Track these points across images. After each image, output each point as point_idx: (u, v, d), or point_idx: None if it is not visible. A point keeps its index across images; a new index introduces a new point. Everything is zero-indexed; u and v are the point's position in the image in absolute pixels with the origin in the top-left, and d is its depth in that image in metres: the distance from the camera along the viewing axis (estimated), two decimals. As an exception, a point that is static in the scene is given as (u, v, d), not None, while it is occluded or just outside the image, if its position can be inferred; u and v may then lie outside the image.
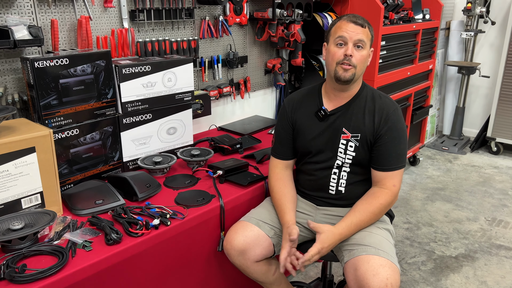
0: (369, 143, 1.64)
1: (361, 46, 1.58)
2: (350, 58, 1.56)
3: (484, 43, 4.44)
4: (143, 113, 1.98)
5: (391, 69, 3.17)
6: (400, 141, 1.63)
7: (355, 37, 1.56)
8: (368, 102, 1.67)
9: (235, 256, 1.65)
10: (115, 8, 2.04)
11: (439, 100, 4.73)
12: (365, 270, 1.44)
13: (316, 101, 1.74)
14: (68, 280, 1.29)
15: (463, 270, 2.47)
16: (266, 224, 1.70)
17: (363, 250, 1.52)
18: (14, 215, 1.45)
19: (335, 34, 1.60)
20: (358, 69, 1.59)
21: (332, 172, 1.71)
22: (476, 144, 4.34)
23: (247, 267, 1.66)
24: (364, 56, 1.60)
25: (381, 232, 1.61)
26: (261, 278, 1.70)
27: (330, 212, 1.75)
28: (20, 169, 1.47)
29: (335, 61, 1.59)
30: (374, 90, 1.72)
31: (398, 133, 1.63)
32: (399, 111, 1.66)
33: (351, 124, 1.66)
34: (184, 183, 1.88)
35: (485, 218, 3.06)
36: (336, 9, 3.01)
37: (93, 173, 1.87)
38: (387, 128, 1.62)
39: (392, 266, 1.46)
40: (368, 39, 1.60)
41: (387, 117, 1.62)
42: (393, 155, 1.62)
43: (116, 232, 1.45)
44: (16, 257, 1.32)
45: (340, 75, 1.59)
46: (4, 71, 1.74)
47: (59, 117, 1.71)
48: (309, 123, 1.73)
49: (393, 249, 1.57)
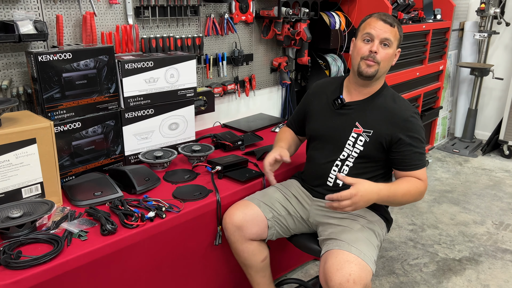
0: (383, 143, 1.65)
1: (387, 44, 1.61)
2: (374, 55, 1.60)
3: (499, 45, 4.36)
4: (145, 108, 2.01)
5: (399, 69, 3.15)
6: (421, 141, 1.66)
7: (382, 35, 1.60)
8: (388, 103, 1.69)
9: (231, 231, 1.71)
10: (120, 4, 2.08)
11: (451, 102, 4.66)
12: (331, 264, 1.46)
13: (337, 91, 1.79)
14: (62, 267, 1.32)
15: (466, 273, 2.44)
16: (266, 206, 1.76)
17: (336, 244, 1.54)
18: (14, 204, 1.49)
19: (364, 30, 1.64)
20: (381, 66, 1.62)
21: (334, 164, 1.73)
22: (487, 147, 4.27)
23: (240, 244, 1.71)
24: (389, 54, 1.63)
25: (362, 230, 1.61)
26: (250, 259, 1.74)
27: (323, 204, 1.75)
28: (21, 160, 1.52)
29: (360, 55, 1.63)
30: (394, 92, 1.75)
31: (418, 135, 1.64)
32: (417, 114, 1.68)
33: (366, 120, 1.68)
34: (183, 178, 1.90)
35: (493, 221, 3.01)
36: (343, 8, 3.01)
37: (94, 166, 1.90)
38: (408, 132, 1.63)
39: (361, 264, 1.46)
40: (395, 38, 1.63)
41: (407, 121, 1.63)
42: (417, 156, 1.64)
43: (111, 223, 1.48)
44: (13, 244, 1.36)
45: (362, 70, 1.63)
46: (10, 65, 1.80)
47: (62, 110, 1.76)
48: (325, 110, 1.79)
49: (372, 249, 1.56)
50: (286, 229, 1.80)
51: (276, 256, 2.16)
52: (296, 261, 2.39)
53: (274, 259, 2.17)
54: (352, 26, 2.93)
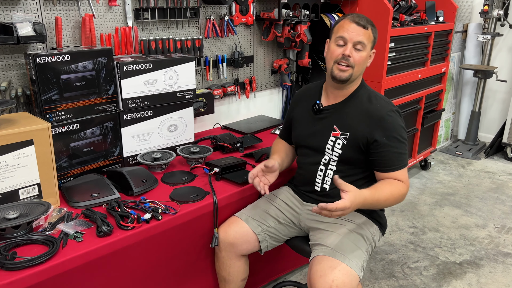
0: (360, 144, 1.62)
1: (360, 47, 1.58)
2: (348, 58, 1.57)
3: (502, 47, 4.33)
4: (144, 109, 2.02)
5: (400, 71, 3.13)
6: (400, 140, 1.60)
7: (355, 38, 1.57)
8: (364, 103, 1.66)
9: (224, 247, 1.73)
10: (120, 6, 2.08)
11: (455, 104, 4.64)
12: (315, 270, 1.46)
13: (316, 96, 1.77)
14: (57, 269, 1.33)
15: (466, 277, 2.42)
16: (254, 221, 1.76)
17: (321, 250, 1.53)
18: (11, 205, 1.50)
19: (337, 33, 1.60)
20: (355, 70, 1.60)
21: (319, 168, 1.72)
22: (491, 149, 4.24)
23: (229, 259, 1.74)
24: (363, 57, 1.60)
25: (350, 235, 1.60)
26: (233, 275, 1.77)
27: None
28: (18, 161, 1.52)
29: (333, 59, 1.61)
30: (371, 91, 1.71)
31: (396, 134, 1.60)
32: (394, 112, 1.63)
33: (342, 123, 1.66)
34: (181, 180, 1.90)
35: (495, 225, 2.99)
36: (344, 10, 3.00)
37: (93, 167, 1.91)
38: (383, 131, 1.59)
39: (345, 270, 1.44)
40: (369, 41, 1.60)
41: (382, 120, 1.60)
42: (396, 156, 1.60)
43: (107, 225, 1.48)
44: (9, 245, 1.36)
45: (336, 75, 1.61)
46: (9, 66, 1.81)
47: (60, 111, 1.76)
48: (306, 116, 1.77)
49: (359, 254, 1.54)
50: (279, 238, 1.80)
51: (275, 257, 2.17)
52: (295, 263, 2.38)
53: (273, 261, 2.18)
54: (353, 28, 2.92)
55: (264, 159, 2.14)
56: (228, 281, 1.80)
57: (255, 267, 2.03)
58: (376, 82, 2.94)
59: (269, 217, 1.79)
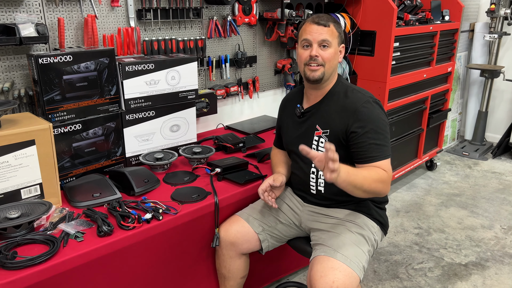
0: (341, 139, 1.61)
1: (326, 45, 1.61)
2: (316, 58, 1.60)
3: (509, 46, 4.28)
4: (146, 110, 2.02)
5: (405, 71, 3.11)
6: (378, 131, 1.56)
7: (318, 37, 1.60)
8: (340, 98, 1.66)
9: (224, 246, 1.74)
10: (122, 7, 2.09)
11: (461, 104, 4.60)
12: (315, 270, 1.45)
13: (298, 100, 1.79)
14: (57, 268, 1.33)
15: (472, 279, 2.39)
16: (255, 220, 1.76)
17: (322, 250, 1.53)
18: (13, 204, 1.51)
19: (301, 37, 1.64)
20: (326, 67, 1.62)
21: (311, 171, 1.71)
22: (498, 150, 4.19)
23: (230, 257, 1.75)
24: (331, 54, 1.62)
25: (350, 235, 1.59)
26: (233, 273, 1.77)
27: (314, 210, 1.75)
28: (20, 161, 1.53)
29: (303, 62, 1.64)
30: (348, 86, 1.70)
31: (373, 125, 1.56)
32: (371, 103, 1.60)
33: (323, 121, 1.67)
34: (183, 180, 1.90)
35: (501, 226, 2.95)
36: (348, 10, 2.98)
37: (95, 167, 1.92)
38: (359, 122, 1.57)
39: (346, 271, 1.44)
40: (333, 36, 1.62)
41: (357, 112, 1.58)
42: (373, 147, 1.55)
43: (108, 225, 1.49)
44: (10, 244, 1.37)
45: (309, 76, 1.63)
46: (12, 67, 1.82)
47: (63, 112, 1.77)
48: (291, 121, 1.79)
49: (361, 255, 1.53)
50: (280, 237, 1.80)
51: (278, 257, 2.16)
52: (299, 264, 2.37)
53: (276, 261, 2.17)
54: (357, 27, 2.91)
55: (266, 159, 2.13)
56: (227, 278, 1.80)
57: (258, 267, 2.03)
58: (380, 82, 2.92)
59: (271, 217, 1.79)
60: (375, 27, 2.86)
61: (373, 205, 1.71)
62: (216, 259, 1.83)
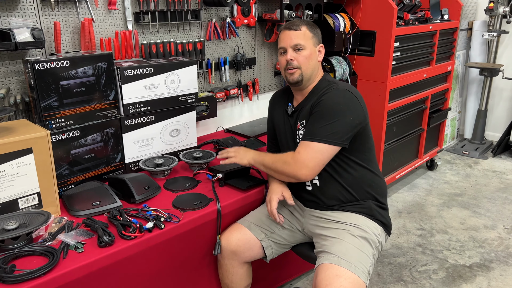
0: None
1: (300, 48, 1.66)
2: (291, 62, 1.67)
3: (508, 44, 4.27)
4: (145, 115, 1.98)
5: (405, 71, 3.08)
6: (323, 116, 1.59)
7: (291, 43, 1.67)
8: (320, 94, 1.67)
9: (226, 256, 1.71)
10: (119, 10, 2.05)
11: (460, 103, 4.58)
12: (321, 279, 1.44)
13: (288, 99, 1.83)
14: (57, 281, 1.29)
15: (477, 280, 2.37)
16: (257, 227, 1.74)
17: (327, 258, 1.51)
18: (10, 215, 1.46)
19: (279, 45, 1.73)
20: (304, 68, 1.67)
21: None
22: (498, 148, 4.18)
23: (232, 267, 1.72)
24: (306, 55, 1.67)
25: (354, 240, 1.56)
26: (236, 282, 1.75)
27: (315, 214, 1.73)
28: (17, 170, 1.49)
29: (282, 68, 1.73)
30: (331, 81, 1.72)
31: (321, 107, 1.60)
32: (334, 89, 1.64)
33: (302, 114, 1.72)
34: (184, 186, 1.86)
35: (504, 226, 2.93)
36: (348, 10, 2.95)
37: (94, 174, 1.88)
38: (315, 108, 1.63)
39: (351, 277, 1.42)
40: (306, 38, 1.67)
41: (319, 98, 1.63)
42: (310, 129, 1.61)
43: (108, 235, 1.45)
44: (8, 257, 1.33)
45: (290, 79, 1.71)
46: (7, 73, 1.78)
47: (60, 118, 1.73)
48: (282, 120, 1.83)
49: (365, 260, 1.51)
50: (284, 243, 1.78)
51: (280, 263, 2.13)
52: (301, 269, 2.34)
53: (279, 267, 2.14)
54: (357, 28, 2.88)
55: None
56: None
57: (261, 273, 1.99)
58: (381, 83, 2.89)
59: (273, 223, 1.76)
60: (375, 27, 2.83)
61: (375, 205, 1.68)
62: (218, 269, 1.79)
